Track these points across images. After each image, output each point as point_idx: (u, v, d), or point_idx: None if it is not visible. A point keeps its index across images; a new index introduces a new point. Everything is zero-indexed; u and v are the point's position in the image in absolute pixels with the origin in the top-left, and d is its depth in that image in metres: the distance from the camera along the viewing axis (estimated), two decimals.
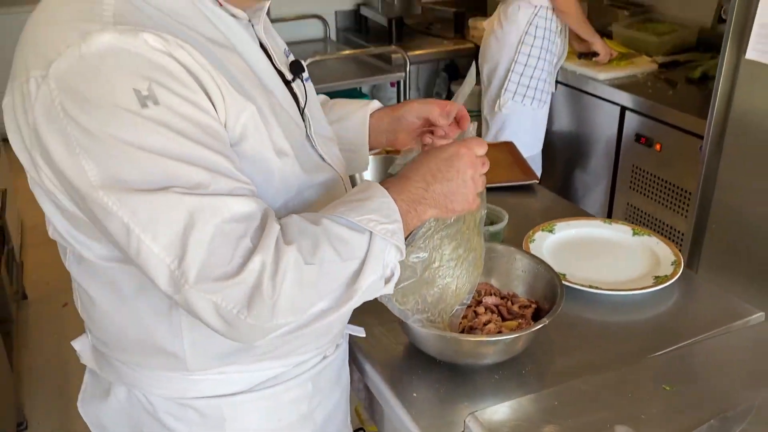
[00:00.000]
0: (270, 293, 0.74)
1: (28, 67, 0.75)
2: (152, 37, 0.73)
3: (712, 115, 2.06)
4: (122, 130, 0.71)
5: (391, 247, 0.84)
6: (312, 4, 3.60)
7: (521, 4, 2.69)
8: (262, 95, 0.87)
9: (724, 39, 1.96)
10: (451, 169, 0.90)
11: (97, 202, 0.73)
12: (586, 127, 2.85)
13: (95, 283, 0.91)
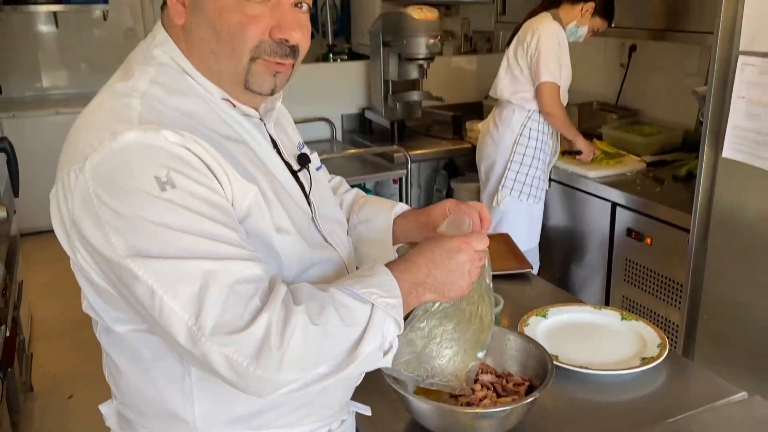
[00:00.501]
0: (278, 345, 0.83)
1: (69, 163, 0.90)
2: (171, 133, 0.88)
3: (696, 210, 2.18)
4: (145, 210, 0.84)
5: (391, 320, 0.93)
6: (320, 109, 3.84)
7: (515, 108, 2.89)
8: (266, 179, 1.00)
9: (702, 139, 2.11)
10: (451, 261, 0.99)
11: (126, 269, 0.85)
12: (580, 223, 2.98)
13: (120, 352, 1.02)
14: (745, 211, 2.02)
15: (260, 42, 0.95)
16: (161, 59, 0.98)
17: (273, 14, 0.95)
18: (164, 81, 0.96)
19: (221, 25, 0.94)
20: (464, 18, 4.82)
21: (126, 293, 0.88)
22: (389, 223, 1.28)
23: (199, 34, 0.96)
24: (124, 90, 0.94)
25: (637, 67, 3.47)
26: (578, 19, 2.83)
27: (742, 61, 1.93)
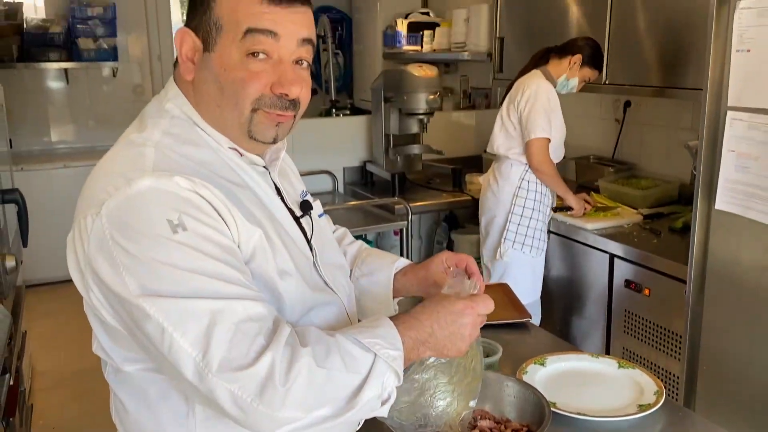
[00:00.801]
0: (283, 383, 0.87)
1: (86, 208, 0.95)
2: (182, 179, 0.95)
3: (691, 262, 2.22)
4: (157, 252, 0.90)
5: (391, 371, 0.96)
6: (323, 162, 3.93)
7: (513, 163, 2.96)
8: (270, 224, 1.05)
9: (695, 191, 2.16)
10: (454, 324, 1.03)
11: (137, 308, 0.89)
12: (579, 274, 3.01)
13: (127, 391, 1.05)
14: (740, 263, 2.06)
15: (261, 96, 1.02)
16: (173, 112, 1.05)
17: (274, 71, 1.02)
18: (176, 132, 1.03)
19: (226, 80, 1.01)
20: (463, 75, 4.96)
21: (136, 331, 0.92)
22: (390, 277, 1.32)
23: (206, 89, 1.03)
24: (138, 140, 1.01)
25: (632, 122, 3.56)
26: (568, 72, 2.92)
27: (731, 116, 2.00)
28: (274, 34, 1.01)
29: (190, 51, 1.04)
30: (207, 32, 1.02)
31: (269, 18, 1.00)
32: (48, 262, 4.41)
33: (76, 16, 4.96)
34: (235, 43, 1.00)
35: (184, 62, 1.04)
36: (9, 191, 2.13)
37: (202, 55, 1.03)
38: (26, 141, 5.02)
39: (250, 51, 1.00)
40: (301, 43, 1.04)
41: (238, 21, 1.00)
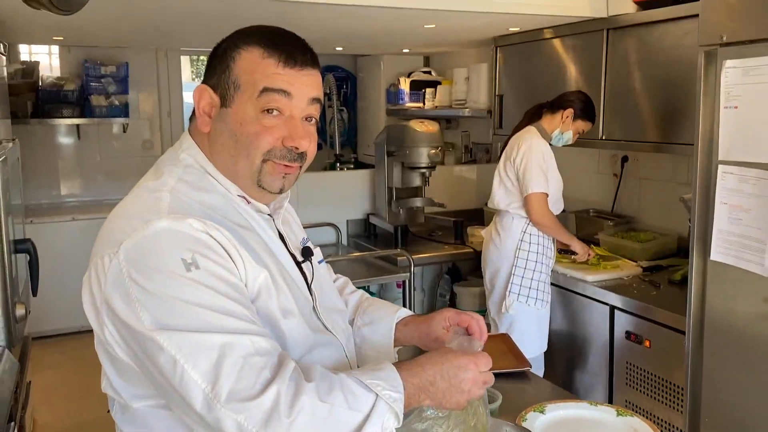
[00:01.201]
0: (287, 414, 0.91)
1: (104, 248, 1.02)
2: (195, 221, 1.02)
3: (689, 313, 2.24)
4: (172, 288, 0.96)
5: (392, 413, 1.00)
6: (327, 214, 4.00)
7: (514, 216, 3.02)
8: (275, 265, 1.12)
9: (691, 243, 2.21)
10: (456, 377, 1.08)
11: (151, 341, 0.95)
12: (580, 327, 3.03)
13: (134, 429, 1.09)
14: (736, 313, 2.09)
15: (272, 148, 1.11)
16: (187, 161, 1.14)
17: (286, 126, 1.11)
18: (189, 179, 1.11)
19: (241, 133, 1.10)
20: (464, 131, 5.08)
21: (148, 364, 0.97)
22: (391, 328, 1.37)
23: (221, 140, 1.12)
24: (155, 186, 1.09)
25: (630, 176, 3.64)
26: (561, 126, 3.01)
27: (722, 169, 2.06)
28: (288, 94, 1.10)
29: (207, 106, 1.13)
30: (225, 90, 1.11)
31: (283, 79, 1.10)
32: (53, 314, 4.45)
33: (90, 74, 5.12)
34: (252, 100, 1.09)
35: (201, 116, 1.13)
36: (21, 241, 2.19)
37: (219, 110, 1.12)
38: (36, 194, 5.11)
39: (265, 108, 1.09)
40: (311, 102, 1.13)
41: (255, 81, 1.09)
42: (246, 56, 1.11)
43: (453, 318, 1.33)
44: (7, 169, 2.07)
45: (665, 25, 2.86)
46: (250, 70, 1.10)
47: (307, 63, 1.12)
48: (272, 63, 1.09)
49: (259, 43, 1.11)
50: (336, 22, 3.14)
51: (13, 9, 2.70)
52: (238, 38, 1.13)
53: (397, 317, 1.38)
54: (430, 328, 1.34)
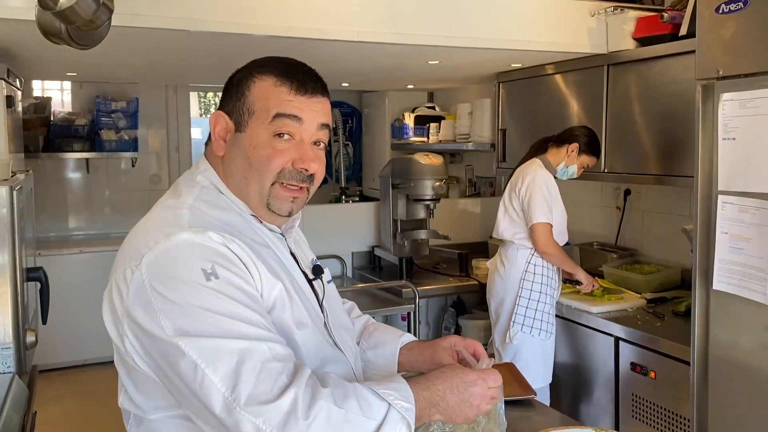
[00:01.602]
0: (305, 416, 0.94)
1: (126, 262, 1.06)
2: (215, 234, 1.07)
3: (693, 343, 2.25)
4: (192, 297, 1.00)
5: (404, 422, 1.03)
6: (332, 247, 4.03)
7: (519, 247, 3.05)
8: (288, 280, 1.17)
9: (693, 273, 2.23)
10: (466, 392, 1.12)
11: (173, 347, 0.98)
12: (585, 358, 3.03)
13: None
14: (740, 343, 2.10)
15: (283, 170, 1.17)
16: (203, 183, 1.20)
17: (296, 149, 1.17)
18: (206, 199, 1.17)
19: (254, 156, 1.16)
20: (468, 165, 5.14)
21: (168, 371, 1.00)
22: (395, 352, 1.41)
23: (235, 163, 1.18)
24: (174, 204, 1.15)
25: (632, 209, 3.67)
26: (566, 160, 3.06)
27: (722, 199, 2.10)
28: (298, 119, 1.17)
29: (222, 131, 1.20)
30: (240, 115, 1.18)
31: (295, 105, 1.17)
32: (58, 347, 4.46)
33: (101, 109, 5.22)
34: (264, 125, 1.16)
35: (216, 140, 1.20)
36: (33, 269, 2.23)
37: (233, 135, 1.19)
38: (45, 227, 5.15)
39: (277, 132, 1.16)
40: (320, 127, 1.20)
41: (269, 107, 1.16)
42: (260, 84, 1.18)
43: (459, 344, 1.36)
44: (21, 198, 2.12)
45: (664, 61, 2.93)
46: (263, 97, 1.17)
47: (317, 91, 1.20)
48: (285, 90, 1.16)
49: (273, 72, 1.18)
50: (342, 59, 3.21)
51: (29, 45, 2.78)
52: (254, 68, 1.20)
53: (402, 342, 1.42)
54: (435, 354, 1.38)
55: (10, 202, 1.98)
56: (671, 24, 2.83)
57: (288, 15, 2.53)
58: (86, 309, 4.66)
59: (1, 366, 2.02)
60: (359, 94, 6.13)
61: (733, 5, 2.03)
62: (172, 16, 2.37)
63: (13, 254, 2.02)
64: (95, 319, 4.24)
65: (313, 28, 2.57)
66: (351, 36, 2.66)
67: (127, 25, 2.26)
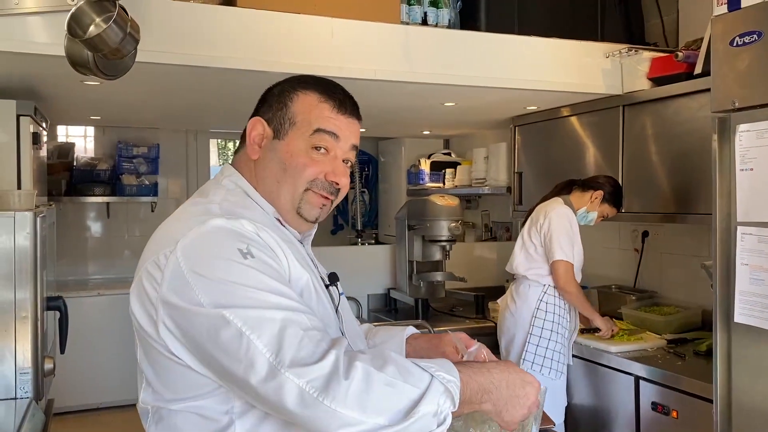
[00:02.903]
0: (345, 375, 0.96)
1: (159, 248, 1.09)
2: (247, 222, 1.13)
3: (716, 380, 2.20)
4: (230, 273, 1.04)
5: (447, 394, 1.02)
6: (347, 289, 4.00)
7: (531, 284, 3.03)
8: (312, 275, 1.20)
9: (714, 307, 2.20)
10: (521, 389, 1.13)
11: (217, 317, 1.01)
12: (605, 399, 2.97)
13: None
14: (764, 375, 2.06)
15: (315, 179, 1.23)
16: (228, 186, 1.25)
17: (330, 164, 1.24)
18: (233, 200, 1.21)
19: (290, 163, 1.23)
20: (484, 210, 5.15)
21: (209, 345, 1.02)
22: (402, 341, 1.43)
23: (270, 167, 1.24)
24: (203, 201, 1.20)
25: (651, 251, 3.64)
26: (588, 205, 3.07)
27: (741, 231, 2.09)
28: (336, 137, 1.24)
29: (258, 137, 1.26)
30: (280, 124, 1.25)
31: (335, 123, 1.24)
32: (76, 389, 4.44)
33: (123, 154, 5.33)
34: (304, 137, 1.23)
35: (251, 144, 1.26)
36: (53, 298, 2.25)
37: (270, 141, 1.25)
38: (65, 271, 5.19)
39: (315, 145, 1.23)
40: (351, 148, 1.28)
41: (311, 121, 1.24)
42: (304, 98, 1.25)
43: (465, 339, 1.37)
44: (44, 226, 2.16)
45: (680, 100, 2.96)
46: (306, 111, 1.24)
47: (354, 113, 1.28)
48: (327, 108, 1.24)
49: (316, 89, 1.26)
50: (359, 97, 3.27)
51: (56, 83, 2.88)
52: (296, 82, 1.28)
53: (407, 333, 1.45)
54: (441, 342, 1.40)
55: (34, 227, 2.02)
56: (686, 63, 2.87)
57: (307, 52, 2.60)
58: (104, 351, 4.67)
59: (20, 391, 2.02)
60: (376, 141, 6.21)
61: (747, 38, 2.06)
62: (192, 53, 2.44)
63: (34, 280, 2.04)
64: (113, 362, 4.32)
65: (331, 66, 2.63)
66: (369, 74, 2.73)
67: (147, 61, 2.33)
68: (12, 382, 2.01)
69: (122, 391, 4.56)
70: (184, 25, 2.43)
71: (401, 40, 2.81)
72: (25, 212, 2.00)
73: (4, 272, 2.01)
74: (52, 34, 2.21)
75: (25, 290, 2.03)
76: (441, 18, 2.97)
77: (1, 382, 2.01)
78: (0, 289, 2.02)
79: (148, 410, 1.15)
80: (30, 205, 2.25)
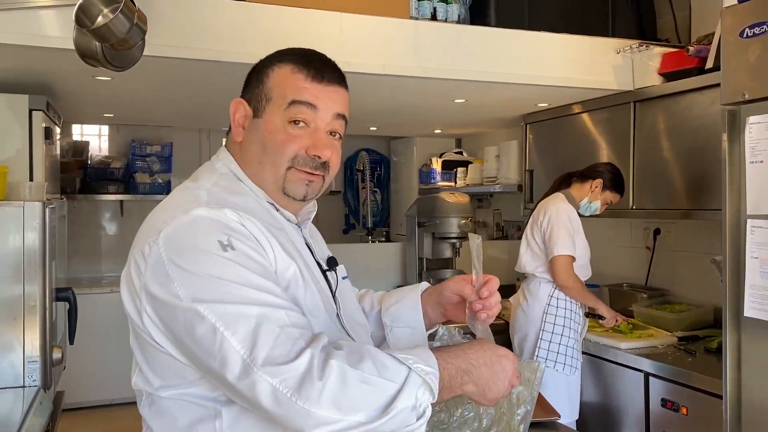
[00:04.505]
0: (319, 377, 0.94)
1: (144, 238, 1.08)
2: (230, 212, 1.09)
3: (725, 372, 2.18)
4: (209, 266, 1.02)
5: (426, 386, 1.01)
6: (357, 286, 3.99)
7: (541, 281, 3.02)
8: (303, 264, 1.17)
9: (723, 301, 2.17)
10: (498, 364, 1.11)
11: (192, 311, 0.99)
12: (614, 396, 2.94)
13: (159, 420, 1.13)
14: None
15: (296, 156, 1.18)
16: (221, 170, 1.22)
17: (310, 137, 1.19)
18: (224, 185, 1.19)
19: (269, 141, 1.18)
20: (495, 209, 5.13)
21: (186, 339, 1.01)
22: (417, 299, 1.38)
23: (252, 148, 1.21)
24: (192, 186, 1.17)
25: (662, 249, 3.61)
26: (589, 195, 3.05)
27: (751, 224, 2.06)
28: (313, 107, 1.18)
29: (242, 118, 1.22)
30: (258, 102, 1.21)
31: (311, 93, 1.18)
32: (86, 386, 4.47)
33: (136, 153, 5.37)
34: (280, 111, 1.18)
35: (236, 127, 1.22)
36: (62, 289, 2.27)
37: (251, 121, 1.21)
38: (77, 269, 5.24)
39: (292, 119, 1.18)
40: (336, 117, 1.21)
41: (285, 94, 1.18)
42: (278, 71, 1.20)
43: (454, 287, 1.33)
44: (54, 217, 2.18)
45: (691, 95, 2.94)
46: (280, 84, 1.19)
47: (334, 80, 1.21)
48: (301, 78, 1.18)
49: (291, 61, 1.21)
50: (368, 94, 3.27)
51: (68, 77, 2.90)
52: (274, 57, 1.24)
53: (421, 289, 1.40)
54: (440, 289, 1.36)
55: (43, 218, 2.04)
56: (697, 58, 2.85)
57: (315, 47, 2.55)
58: (116, 348, 4.69)
59: (28, 379, 2.04)
60: (387, 141, 6.21)
61: (757, 29, 2.04)
62: (200, 47, 2.46)
63: (43, 269, 2.06)
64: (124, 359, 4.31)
65: (339, 60, 2.62)
66: (377, 69, 2.73)
67: (155, 54, 2.34)
68: (20, 370, 2.03)
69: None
70: (192, 19, 2.45)
71: (410, 35, 2.81)
72: (35, 202, 2.02)
73: (13, 262, 2.04)
74: (63, 27, 2.24)
75: (33, 280, 2.05)
76: (450, 13, 2.97)
77: (10, 370, 2.03)
78: (9, 278, 2.04)
79: (143, 393, 1.15)
80: (40, 197, 2.27)
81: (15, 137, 2.69)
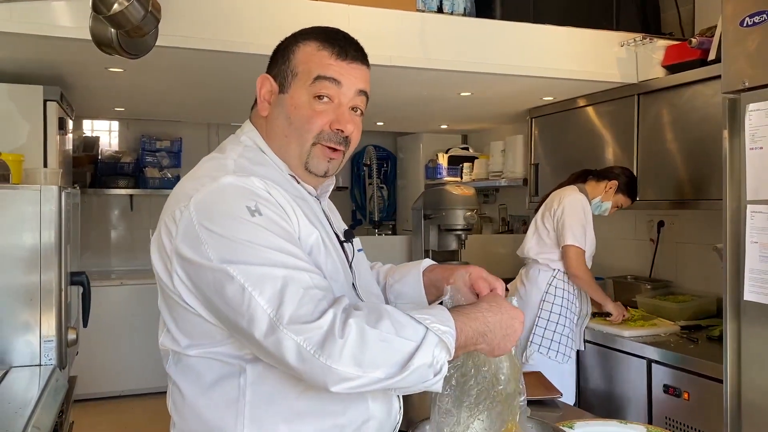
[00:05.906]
0: (340, 334, 1.00)
1: (175, 205, 1.13)
2: (257, 179, 1.15)
3: (726, 356, 2.22)
4: (238, 230, 1.07)
5: (442, 345, 1.06)
6: None
7: (541, 268, 3.06)
8: (323, 231, 1.23)
9: (723, 285, 2.21)
10: (511, 328, 1.16)
11: (222, 272, 1.05)
12: (617, 383, 2.98)
13: (185, 378, 1.18)
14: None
15: (321, 131, 1.24)
16: (246, 143, 1.28)
17: (334, 112, 1.25)
18: (249, 156, 1.25)
19: (294, 116, 1.24)
20: (501, 204, 5.18)
21: (215, 298, 1.07)
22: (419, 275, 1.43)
23: (278, 123, 1.26)
24: (219, 157, 1.24)
25: (666, 241, 3.65)
26: (603, 195, 3.08)
27: (750, 209, 2.10)
28: (338, 83, 1.24)
29: (267, 93, 1.28)
30: (284, 77, 1.26)
31: (335, 69, 1.24)
32: (96, 377, 4.54)
33: (146, 148, 5.44)
34: (305, 87, 1.24)
35: (261, 102, 1.28)
36: (77, 273, 2.33)
37: (277, 96, 1.27)
38: (87, 263, 5.30)
39: (317, 94, 1.24)
40: (358, 93, 1.27)
41: (310, 70, 1.24)
42: (304, 48, 1.26)
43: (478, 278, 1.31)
44: (69, 202, 2.24)
45: (694, 87, 2.97)
46: (306, 60, 1.25)
47: (357, 58, 1.27)
48: (326, 55, 1.24)
49: (316, 39, 1.26)
50: (374, 86, 3.32)
51: (81, 69, 2.97)
52: (299, 35, 1.30)
53: (423, 266, 1.45)
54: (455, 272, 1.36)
55: (59, 201, 2.10)
56: (700, 49, 2.88)
57: None
58: (126, 340, 4.76)
59: (44, 358, 2.10)
60: (394, 137, 6.26)
61: (757, 17, 2.08)
62: (210, 38, 2.52)
63: (59, 252, 2.12)
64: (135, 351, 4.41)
65: None
66: (384, 60, 2.78)
67: (167, 45, 2.40)
68: (37, 349, 2.09)
69: (144, 379, 4.66)
70: (204, 11, 2.50)
71: (417, 27, 2.86)
72: (51, 186, 2.08)
73: (30, 244, 2.09)
74: (76, 17, 2.30)
75: (50, 262, 2.11)
76: (457, 6, 3.02)
77: (27, 349, 2.09)
78: (26, 261, 2.10)
79: (169, 352, 1.21)
80: (55, 182, 2.33)
81: (29, 127, 2.75)
